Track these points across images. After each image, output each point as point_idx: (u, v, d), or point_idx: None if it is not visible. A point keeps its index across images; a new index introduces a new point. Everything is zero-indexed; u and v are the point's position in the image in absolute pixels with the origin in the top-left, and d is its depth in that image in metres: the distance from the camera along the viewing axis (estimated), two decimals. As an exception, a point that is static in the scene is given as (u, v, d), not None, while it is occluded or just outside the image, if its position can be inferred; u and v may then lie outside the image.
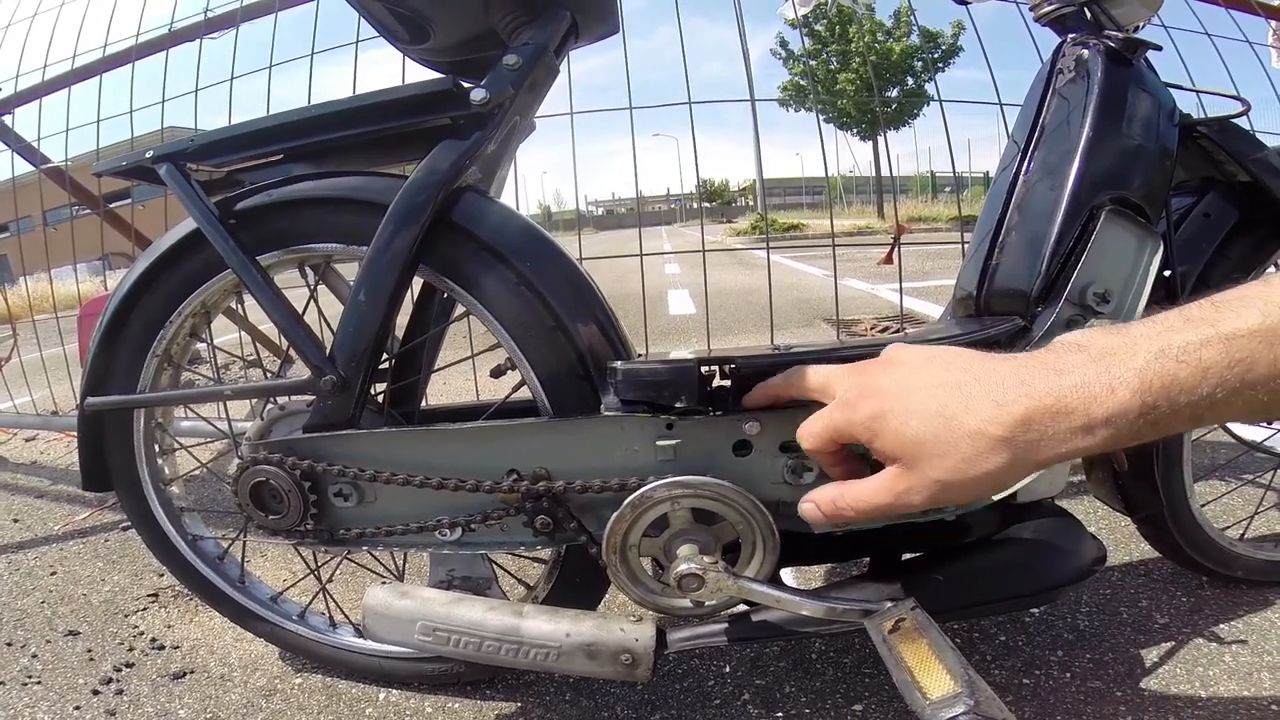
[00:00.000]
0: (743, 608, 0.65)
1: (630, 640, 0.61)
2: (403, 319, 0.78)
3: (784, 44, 18.87)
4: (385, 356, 0.75)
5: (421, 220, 0.66)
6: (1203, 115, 0.80)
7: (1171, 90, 0.76)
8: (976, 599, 0.65)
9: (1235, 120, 0.78)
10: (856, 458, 0.52)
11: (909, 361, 0.46)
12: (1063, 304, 0.66)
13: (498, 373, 0.75)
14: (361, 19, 0.82)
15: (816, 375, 0.53)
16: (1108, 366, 0.37)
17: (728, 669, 0.84)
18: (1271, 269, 0.85)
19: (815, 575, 1.04)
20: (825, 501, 0.49)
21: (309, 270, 0.78)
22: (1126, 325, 0.40)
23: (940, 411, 0.41)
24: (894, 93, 16.80)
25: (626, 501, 0.60)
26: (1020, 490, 0.64)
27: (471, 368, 0.99)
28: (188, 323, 0.78)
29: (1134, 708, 0.72)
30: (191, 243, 0.74)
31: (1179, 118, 0.75)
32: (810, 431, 0.50)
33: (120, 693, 0.87)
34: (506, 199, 0.81)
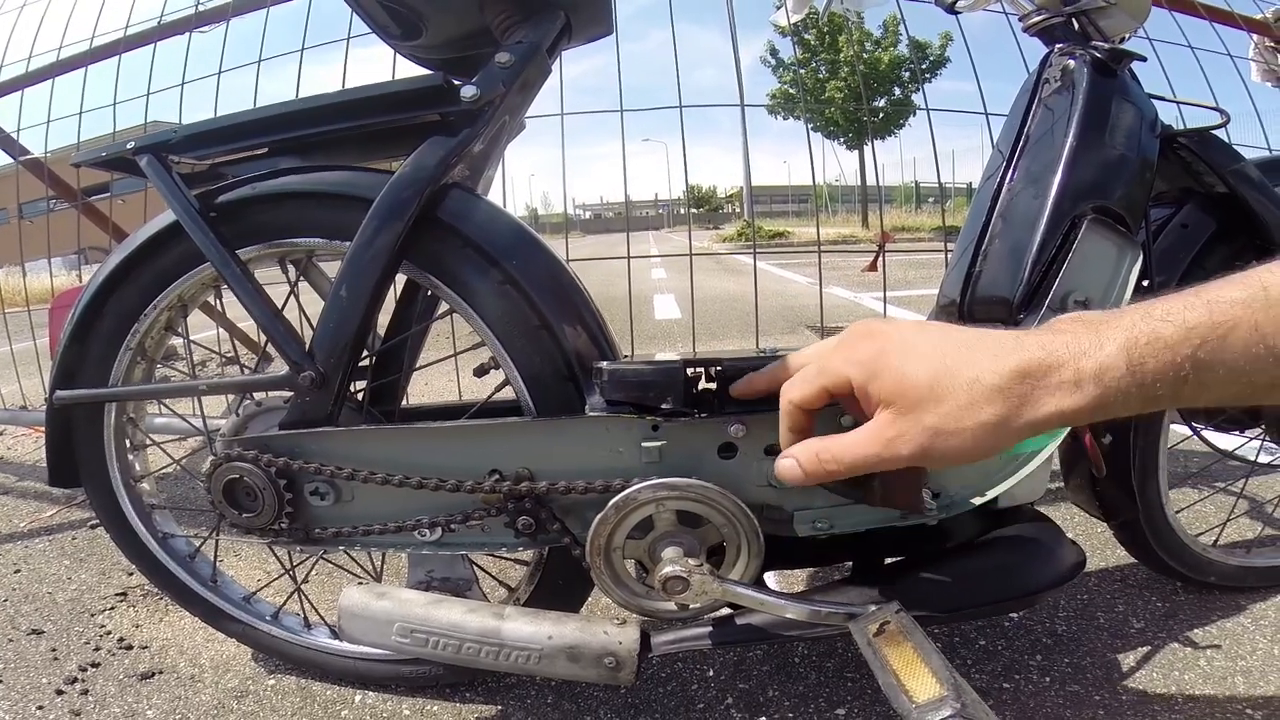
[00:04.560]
0: (727, 611, 0.65)
1: (614, 643, 0.60)
2: (385, 316, 0.77)
3: (774, 52, 19.04)
4: (366, 354, 0.74)
5: (406, 216, 0.65)
6: (1183, 126, 0.81)
7: (1153, 101, 0.77)
8: (958, 603, 0.65)
9: (1215, 132, 0.79)
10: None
11: (908, 323, 0.47)
12: (1044, 311, 0.66)
13: (481, 371, 0.74)
14: (354, 15, 0.81)
15: (806, 352, 0.52)
16: (1097, 329, 0.39)
17: (711, 673, 0.84)
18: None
19: (798, 579, 1.04)
20: (807, 456, 0.45)
21: (290, 265, 0.76)
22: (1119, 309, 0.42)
23: (941, 358, 0.42)
24: (881, 102, 17.01)
25: (611, 503, 0.60)
26: (1001, 495, 0.65)
27: (454, 366, 0.98)
28: (163, 316, 0.77)
29: (1112, 711, 0.73)
30: (170, 235, 0.73)
31: (1160, 129, 0.76)
32: (801, 378, 0.47)
33: (85, 693, 0.85)
34: (493, 200, 0.80)
